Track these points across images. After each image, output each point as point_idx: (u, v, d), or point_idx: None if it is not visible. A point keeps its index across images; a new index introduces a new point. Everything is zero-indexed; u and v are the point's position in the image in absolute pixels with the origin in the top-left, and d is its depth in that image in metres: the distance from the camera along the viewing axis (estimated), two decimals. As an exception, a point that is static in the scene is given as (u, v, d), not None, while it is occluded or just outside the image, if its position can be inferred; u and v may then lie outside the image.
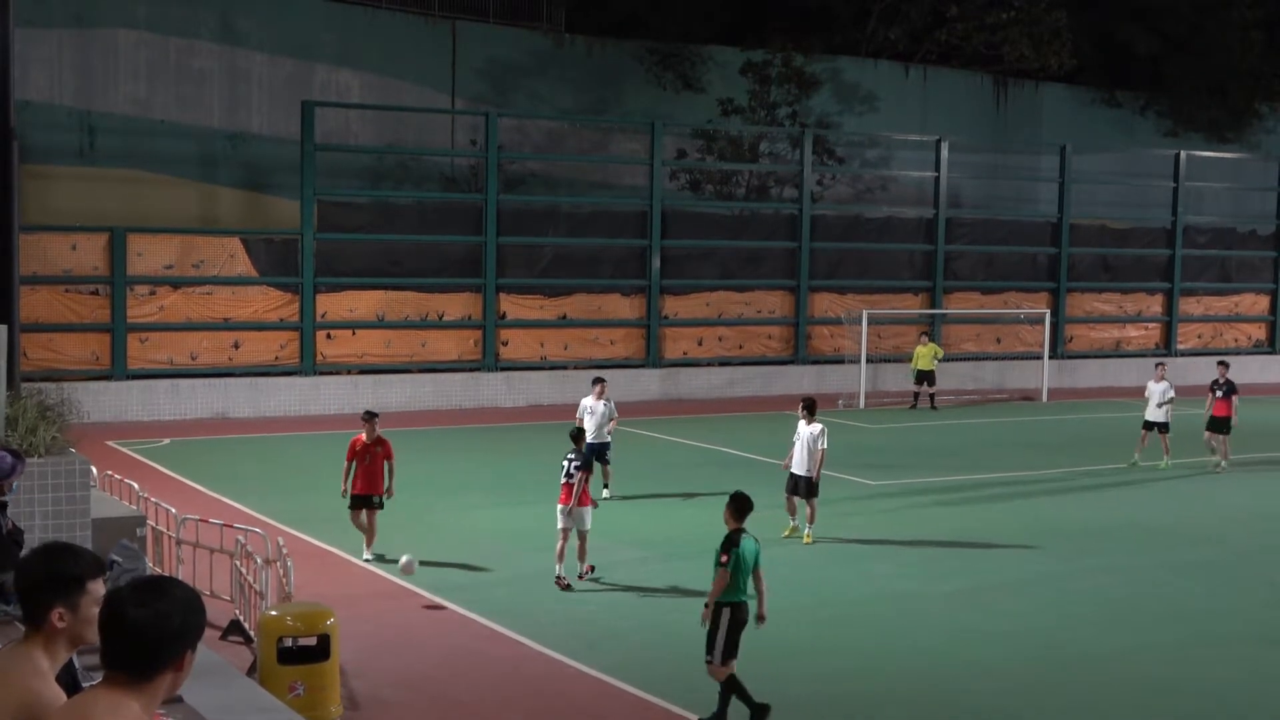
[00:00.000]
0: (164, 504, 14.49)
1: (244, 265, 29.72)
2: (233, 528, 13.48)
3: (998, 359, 37.88)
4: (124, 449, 23.61)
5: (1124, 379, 37.72)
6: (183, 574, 12.99)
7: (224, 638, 12.34)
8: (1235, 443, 24.48)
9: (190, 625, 3.68)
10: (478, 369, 31.74)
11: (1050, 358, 36.82)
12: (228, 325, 29.48)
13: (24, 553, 6.93)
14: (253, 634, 11.70)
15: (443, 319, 31.65)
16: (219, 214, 32.68)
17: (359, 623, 12.92)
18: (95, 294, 28.35)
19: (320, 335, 30.18)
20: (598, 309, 33.47)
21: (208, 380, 28.86)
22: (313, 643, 10.38)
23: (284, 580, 12.16)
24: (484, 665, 12.13)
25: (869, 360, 33.64)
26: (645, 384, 32.86)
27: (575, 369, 32.61)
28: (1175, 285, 40.97)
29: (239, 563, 12.65)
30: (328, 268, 30.31)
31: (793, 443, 17.74)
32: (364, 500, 15.70)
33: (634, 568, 15.71)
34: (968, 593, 15.00)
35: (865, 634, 13.42)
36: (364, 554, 15.72)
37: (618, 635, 13.11)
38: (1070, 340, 39.59)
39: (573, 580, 14.95)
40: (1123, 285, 40.59)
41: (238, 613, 12.57)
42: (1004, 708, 11.34)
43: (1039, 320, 37.10)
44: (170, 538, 13.80)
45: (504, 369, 32.01)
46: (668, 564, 15.77)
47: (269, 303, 29.88)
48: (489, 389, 31.58)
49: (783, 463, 18.03)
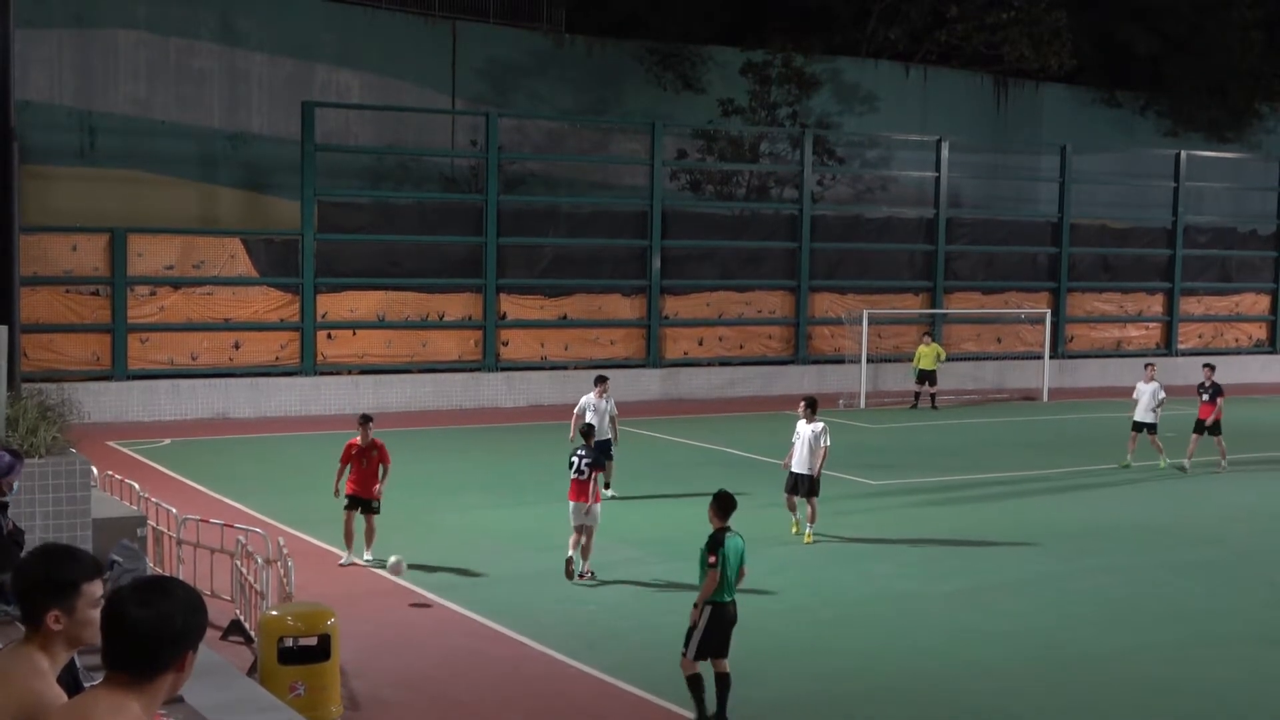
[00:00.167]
0: (164, 504, 14.50)
1: (244, 265, 29.73)
2: (233, 528, 13.48)
3: (998, 359, 37.88)
4: (124, 449, 23.62)
5: (1125, 379, 37.65)
6: (183, 574, 12.99)
7: (224, 638, 12.34)
8: (1233, 443, 24.48)
9: (192, 626, 3.68)
10: (478, 369, 31.74)
11: (1051, 358, 36.84)
12: (228, 325, 29.48)
13: (24, 553, 6.94)
14: (253, 634, 11.71)
15: (443, 319, 31.65)
16: (219, 214, 32.68)
17: (359, 623, 12.92)
18: (96, 294, 28.36)
19: (321, 335, 30.19)
20: (598, 309, 33.48)
21: (208, 380, 28.87)
22: (313, 643, 10.39)
23: (284, 580, 12.16)
24: (484, 665, 12.13)
25: (869, 360, 33.64)
26: (645, 384, 32.87)
27: (575, 369, 32.62)
28: (1176, 285, 40.98)
29: (239, 563, 12.66)
30: (328, 268, 30.31)
31: (792, 442, 17.77)
32: (361, 504, 15.60)
33: (634, 568, 15.72)
34: (968, 593, 15.00)
35: (865, 634, 13.42)
36: (364, 554, 15.67)
37: (618, 635, 13.11)
38: (1071, 340, 39.60)
39: (579, 573, 15.09)
40: (1123, 285, 40.60)
41: (238, 613, 12.58)
42: (1004, 708, 11.34)
43: (1039, 320, 37.11)
44: (171, 538, 13.80)
45: (504, 369, 32.01)
46: (668, 564, 15.77)
47: (269, 303, 29.89)
48: (489, 389, 31.58)
49: (783, 462, 18.05)
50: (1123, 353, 39.73)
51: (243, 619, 12.44)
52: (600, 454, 15.90)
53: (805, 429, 17.58)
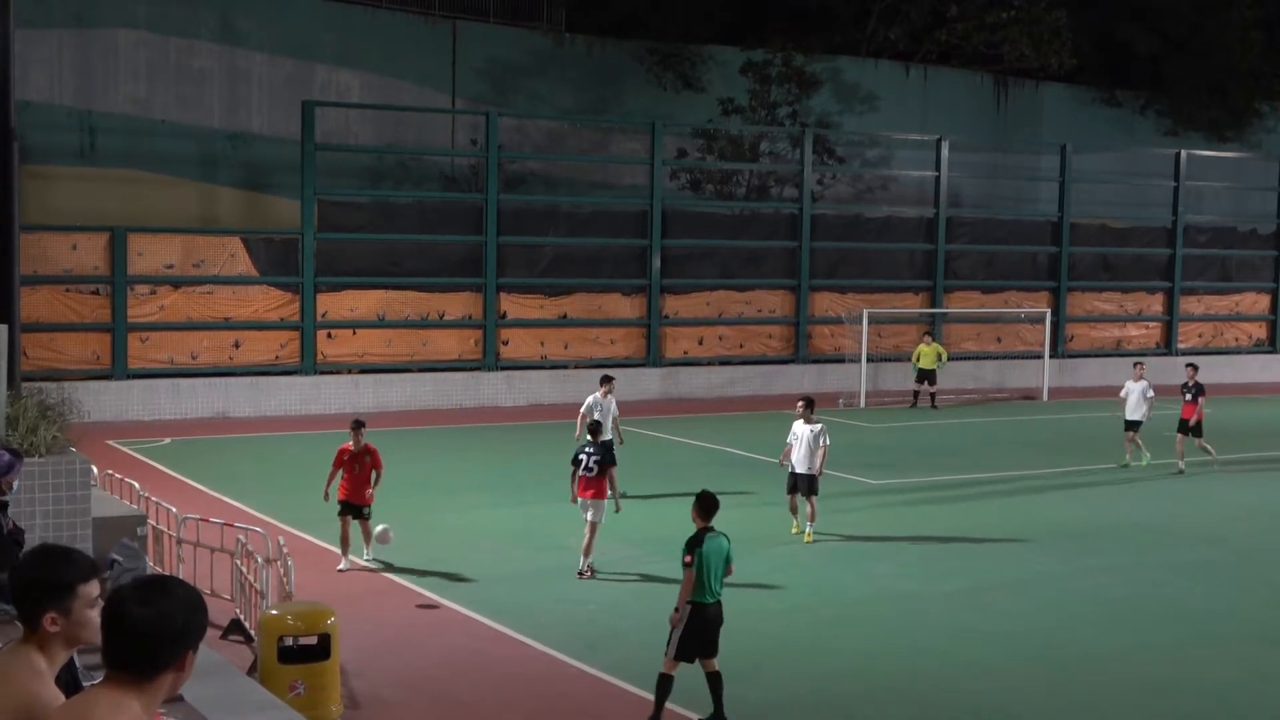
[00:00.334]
0: (164, 503, 14.50)
1: (244, 265, 29.74)
2: (233, 527, 13.49)
3: (998, 358, 37.89)
4: (124, 448, 23.62)
5: (1125, 378, 37.59)
6: (183, 573, 13.00)
7: (225, 637, 12.35)
8: (1233, 442, 24.47)
9: (192, 625, 3.68)
10: (478, 368, 31.75)
11: (1051, 357, 36.83)
12: (228, 325, 29.49)
13: (22, 554, 6.92)
14: (253, 633, 11.71)
15: (443, 318, 31.66)
16: (219, 214, 32.68)
17: (359, 622, 12.93)
18: (96, 294, 28.36)
19: (321, 335, 30.20)
20: (598, 309, 33.48)
21: (208, 380, 28.87)
22: (313, 642, 10.39)
23: (284, 579, 12.16)
24: (484, 665, 12.13)
25: (869, 360, 33.65)
26: (646, 383, 32.87)
27: (576, 368, 32.64)
28: (1176, 284, 40.98)
29: (239, 562, 12.66)
30: (328, 267, 30.32)
31: (788, 442, 17.77)
32: (353, 509, 15.44)
33: (634, 567, 15.72)
34: (968, 592, 15.00)
35: (865, 634, 13.42)
36: (364, 554, 15.63)
37: (618, 635, 13.11)
38: (1071, 339, 39.60)
39: (579, 570, 15.21)
40: (1123, 285, 40.60)
41: (238, 612, 12.58)
42: (1004, 708, 11.34)
43: (1039, 319, 37.11)
44: (171, 537, 13.81)
45: (504, 368, 32.02)
46: (668, 564, 15.73)
47: (269, 302, 29.89)
48: (489, 388, 31.59)
49: (779, 459, 18.05)
50: (1123, 352, 39.69)
51: (243, 618, 12.44)
52: (607, 453, 15.95)
53: (804, 429, 17.57)
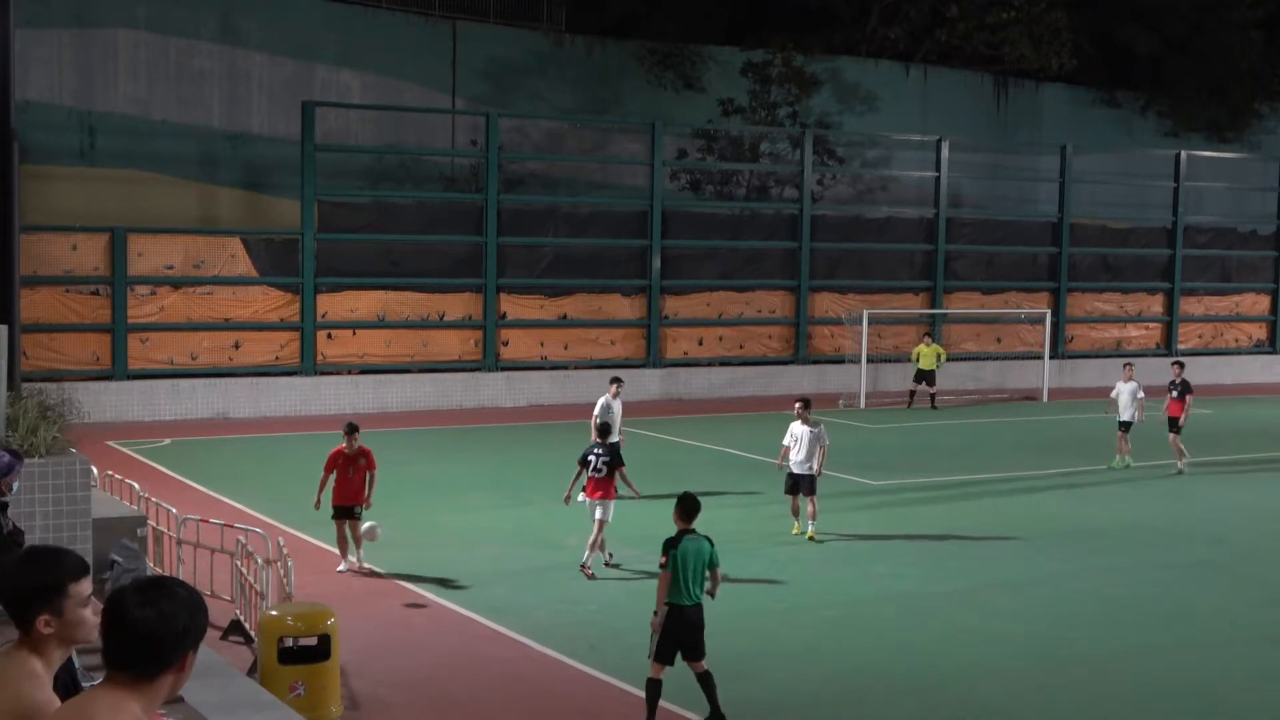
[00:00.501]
0: (164, 504, 14.50)
1: (244, 265, 29.74)
2: (233, 528, 13.49)
3: (998, 359, 37.89)
4: (124, 449, 23.61)
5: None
6: (183, 574, 13.00)
7: (225, 638, 12.34)
8: (1234, 443, 24.46)
9: (193, 626, 3.68)
10: (478, 369, 31.75)
11: (1051, 357, 36.83)
12: (228, 325, 29.49)
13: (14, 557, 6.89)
14: (253, 634, 11.71)
15: (443, 319, 31.66)
16: (219, 214, 32.67)
17: (359, 623, 12.93)
18: (96, 294, 28.36)
19: (321, 335, 30.20)
20: (598, 309, 33.48)
21: (208, 380, 28.87)
22: (313, 643, 10.39)
23: (284, 580, 12.16)
24: (484, 665, 12.13)
25: (869, 360, 33.64)
26: (646, 384, 32.86)
27: (575, 369, 32.66)
28: (1176, 285, 40.98)
29: (239, 563, 12.66)
30: (328, 268, 30.32)
31: (784, 444, 17.79)
32: (346, 511, 15.27)
33: (634, 568, 15.72)
34: (968, 593, 15.01)
35: (865, 634, 13.42)
36: (357, 554, 15.47)
37: (618, 635, 13.10)
38: (1071, 340, 39.60)
39: (596, 568, 15.26)
40: (1123, 285, 40.60)
41: (238, 613, 12.58)
42: (1004, 708, 11.33)
43: (1039, 320, 37.11)
44: (171, 538, 13.81)
45: (504, 369, 32.02)
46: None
47: (269, 303, 29.89)
48: (489, 389, 31.59)
49: (777, 462, 18.05)
50: (1123, 353, 39.65)
51: (243, 619, 12.44)
52: (616, 454, 16.04)
53: (802, 430, 17.60)
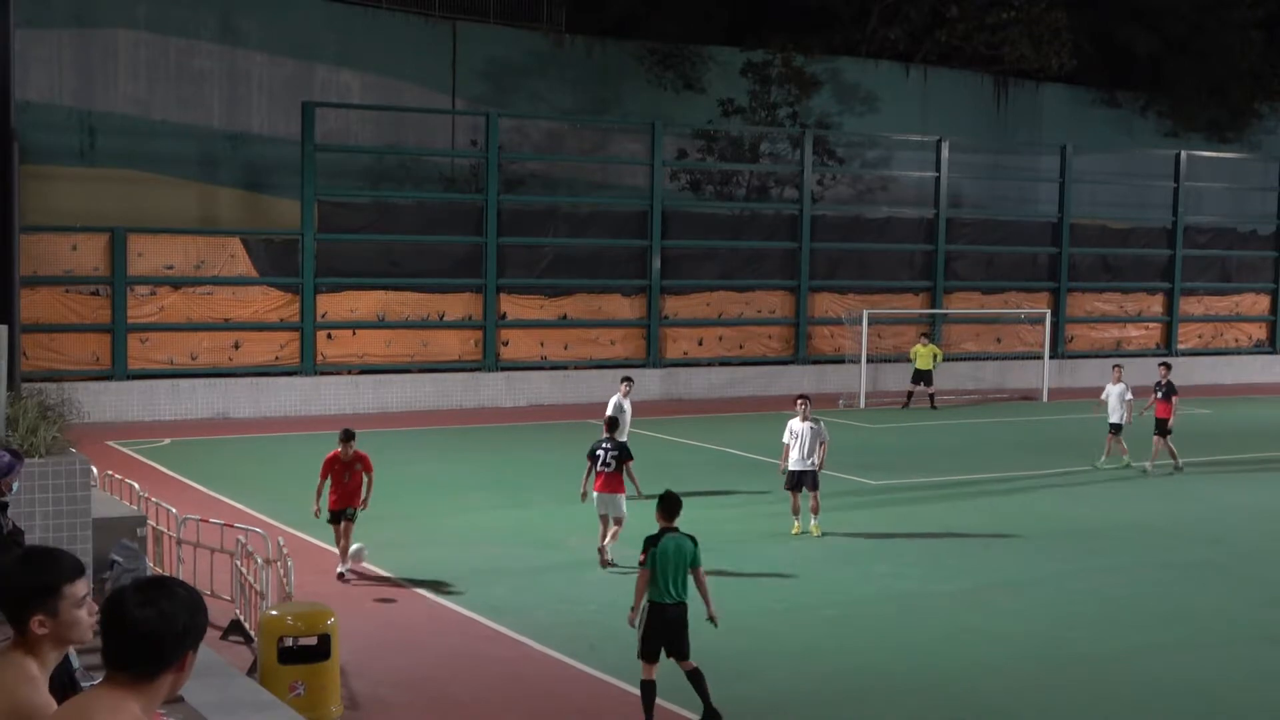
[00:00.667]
0: (164, 504, 14.49)
1: (244, 265, 29.74)
2: (233, 528, 13.48)
3: (998, 359, 37.88)
4: (124, 449, 23.61)
5: (1125, 378, 37.75)
6: (183, 574, 13.00)
7: (224, 638, 12.34)
8: (1234, 443, 24.47)
9: (193, 626, 3.68)
10: (478, 369, 31.75)
11: (1051, 357, 36.83)
12: (228, 325, 29.49)
13: (9, 558, 6.89)
14: (253, 634, 11.71)
15: (443, 319, 31.66)
16: (219, 214, 32.67)
17: (359, 623, 12.93)
18: (95, 294, 28.36)
19: (321, 335, 30.20)
20: (598, 309, 33.48)
21: (208, 380, 28.87)
22: (313, 642, 10.39)
23: (284, 580, 12.16)
24: (484, 665, 12.13)
25: (869, 360, 33.64)
26: (646, 384, 32.83)
27: (575, 369, 32.66)
28: (1176, 285, 40.98)
29: (239, 563, 12.66)
30: (328, 268, 30.32)
31: (785, 442, 17.82)
32: (341, 515, 15.10)
33: (634, 568, 15.69)
34: (968, 592, 15.00)
35: (865, 634, 13.41)
36: (344, 569, 15.06)
37: (618, 635, 13.08)
38: (1071, 340, 39.60)
39: (611, 559, 15.36)
40: (1123, 285, 40.60)
41: (238, 612, 12.58)
42: (1005, 707, 11.33)
43: (1039, 320, 37.11)
44: (171, 538, 13.80)
45: (504, 369, 32.02)
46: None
47: (269, 303, 29.89)
48: (489, 389, 31.59)
49: (780, 466, 18.05)
50: (1123, 353, 39.66)
51: (243, 619, 12.44)
52: (624, 449, 16.11)
53: (802, 426, 17.66)
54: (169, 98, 32.32)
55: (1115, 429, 23.80)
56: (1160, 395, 23.64)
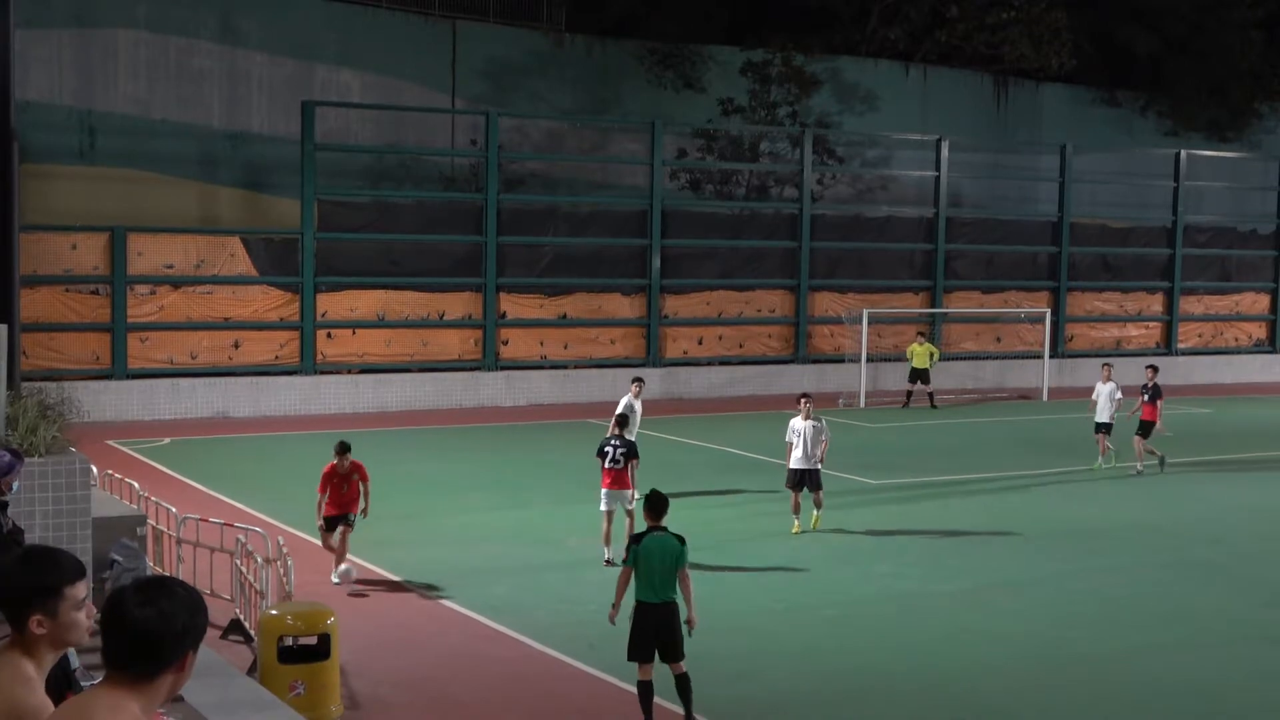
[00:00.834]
0: (164, 503, 14.50)
1: (244, 265, 29.73)
2: (233, 527, 13.49)
3: (998, 358, 37.88)
4: (124, 448, 23.61)
5: (1124, 378, 37.52)
6: (183, 573, 13.00)
7: (224, 637, 12.34)
8: (1234, 443, 24.46)
9: (193, 626, 3.67)
10: (478, 368, 31.75)
11: (1050, 357, 36.83)
12: (228, 325, 29.49)
13: (10, 557, 6.88)
14: (253, 633, 11.71)
15: (443, 318, 31.66)
16: (219, 214, 32.66)
17: (359, 622, 12.93)
18: (95, 294, 28.36)
19: (320, 335, 30.19)
20: (598, 309, 33.47)
21: (208, 380, 28.87)
22: (313, 642, 10.39)
23: (284, 580, 12.16)
24: (484, 665, 12.13)
25: (869, 359, 33.63)
26: (646, 383, 32.79)
27: (575, 369, 32.66)
28: (1176, 285, 40.97)
29: (239, 562, 12.66)
30: (328, 267, 30.32)
31: (788, 441, 17.82)
32: (339, 520, 14.94)
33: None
34: (968, 592, 15.00)
35: (865, 634, 13.41)
36: (338, 571, 14.87)
37: (617, 635, 13.07)
38: (1070, 339, 39.59)
39: (611, 558, 15.36)
40: (1123, 285, 40.60)
41: (238, 612, 12.58)
42: (1005, 707, 11.33)
43: (1039, 319, 37.10)
44: (170, 537, 13.81)
45: (504, 368, 32.01)
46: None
47: (269, 302, 29.89)
48: (489, 388, 31.58)
49: (787, 465, 18.04)
50: (1123, 352, 39.66)
51: (243, 618, 12.44)
52: (632, 447, 16.20)
53: (804, 425, 17.69)
54: (169, 97, 32.31)
55: (1106, 428, 23.75)
56: (1147, 398, 23.64)
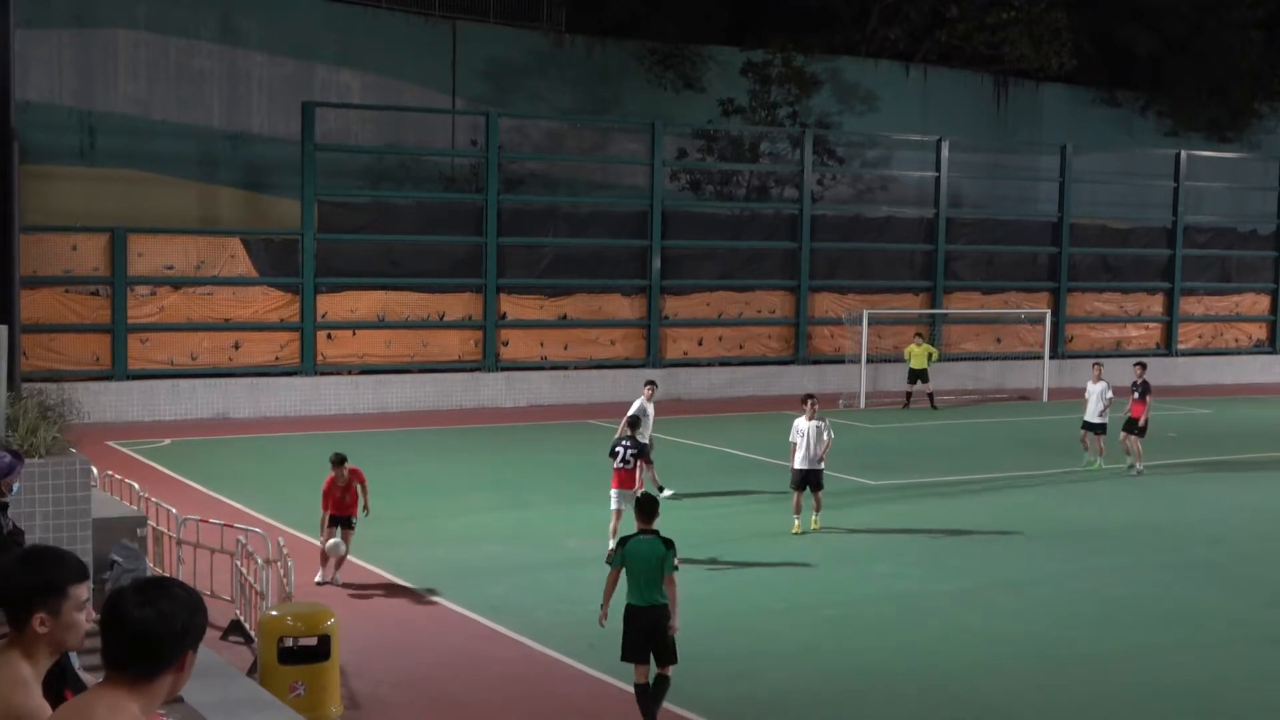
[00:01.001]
0: (164, 504, 14.50)
1: (244, 265, 29.74)
2: (233, 528, 13.48)
3: (998, 359, 37.88)
4: (124, 449, 23.61)
5: (1124, 378, 37.65)
6: (183, 574, 13.00)
7: (224, 638, 12.34)
8: (1234, 443, 24.45)
9: (192, 626, 3.68)
10: (478, 369, 31.75)
11: (1050, 357, 36.82)
12: (228, 325, 29.49)
13: (15, 554, 6.88)
14: (253, 634, 11.71)
15: (443, 319, 31.66)
16: (219, 214, 32.67)
17: (359, 623, 12.93)
18: (95, 294, 28.36)
19: (321, 335, 30.19)
20: (598, 309, 33.47)
21: (208, 380, 28.86)
22: (313, 643, 10.39)
23: (284, 580, 12.16)
24: (484, 665, 12.13)
25: (869, 360, 33.63)
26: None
27: (575, 369, 32.65)
28: (1176, 285, 40.97)
29: (239, 563, 12.66)
30: (328, 268, 30.32)
31: (792, 441, 17.83)
32: (340, 521, 14.91)
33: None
34: (969, 592, 15.00)
35: (865, 634, 13.41)
36: (334, 573, 14.81)
37: (617, 635, 13.08)
38: (1070, 340, 39.59)
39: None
40: (1123, 285, 40.59)
41: (238, 613, 12.58)
42: (1005, 707, 11.33)
43: (1039, 320, 37.10)
44: (171, 538, 13.80)
45: (504, 369, 32.01)
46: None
47: (269, 303, 29.89)
48: (489, 389, 31.58)
49: (790, 466, 18.06)
50: (1123, 352, 39.63)
51: (243, 619, 12.44)
52: (643, 448, 16.21)
53: (808, 425, 17.70)
54: (169, 98, 32.32)
55: (1099, 429, 23.72)
56: (1137, 395, 23.65)
